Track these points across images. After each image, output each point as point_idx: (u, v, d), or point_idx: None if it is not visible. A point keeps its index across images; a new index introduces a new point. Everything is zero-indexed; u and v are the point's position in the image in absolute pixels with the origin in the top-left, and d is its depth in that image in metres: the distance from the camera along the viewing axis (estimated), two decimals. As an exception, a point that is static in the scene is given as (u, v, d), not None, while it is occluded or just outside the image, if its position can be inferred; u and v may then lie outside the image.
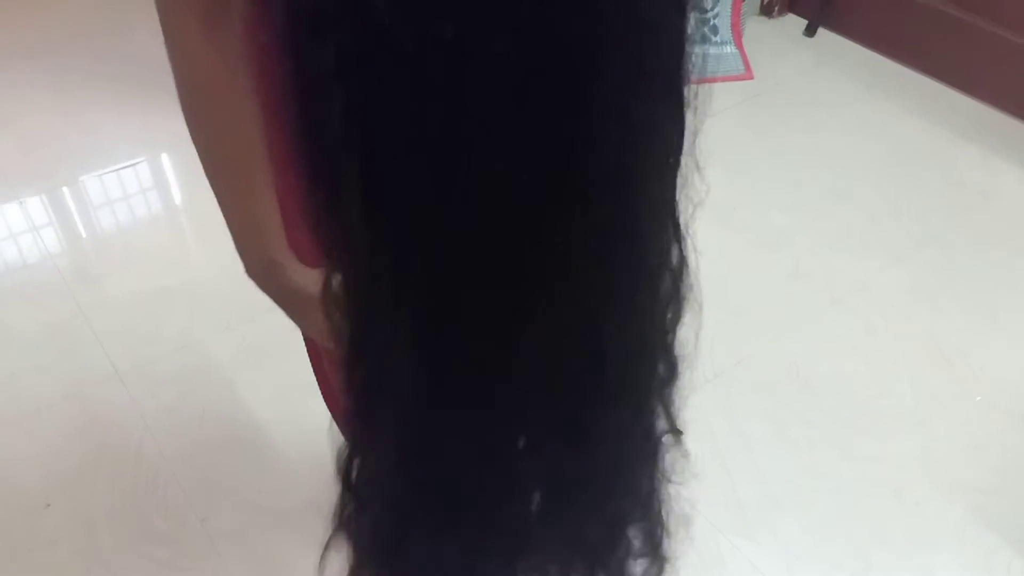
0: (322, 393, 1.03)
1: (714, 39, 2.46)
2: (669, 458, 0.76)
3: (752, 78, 2.42)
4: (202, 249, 1.84)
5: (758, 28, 2.57)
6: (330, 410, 1.03)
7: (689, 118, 0.54)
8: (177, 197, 1.99)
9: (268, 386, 1.48)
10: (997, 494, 1.38)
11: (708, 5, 2.42)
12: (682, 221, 0.58)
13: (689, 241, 0.58)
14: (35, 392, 1.49)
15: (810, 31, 2.56)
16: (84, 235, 1.85)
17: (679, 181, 0.57)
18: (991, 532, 1.33)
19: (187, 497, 1.33)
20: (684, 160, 0.56)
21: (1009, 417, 1.50)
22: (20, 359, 1.54)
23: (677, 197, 0.58)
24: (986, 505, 1.36)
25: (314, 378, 1.02)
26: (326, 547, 0.69)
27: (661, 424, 0.70)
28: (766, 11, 2.63)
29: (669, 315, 0.61)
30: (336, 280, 0.56)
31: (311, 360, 0.99)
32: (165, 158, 2.04)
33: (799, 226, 1.90)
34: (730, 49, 2.46)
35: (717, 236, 1.86)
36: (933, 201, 1.98)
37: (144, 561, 1.25)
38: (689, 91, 0.53)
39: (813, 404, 1.52)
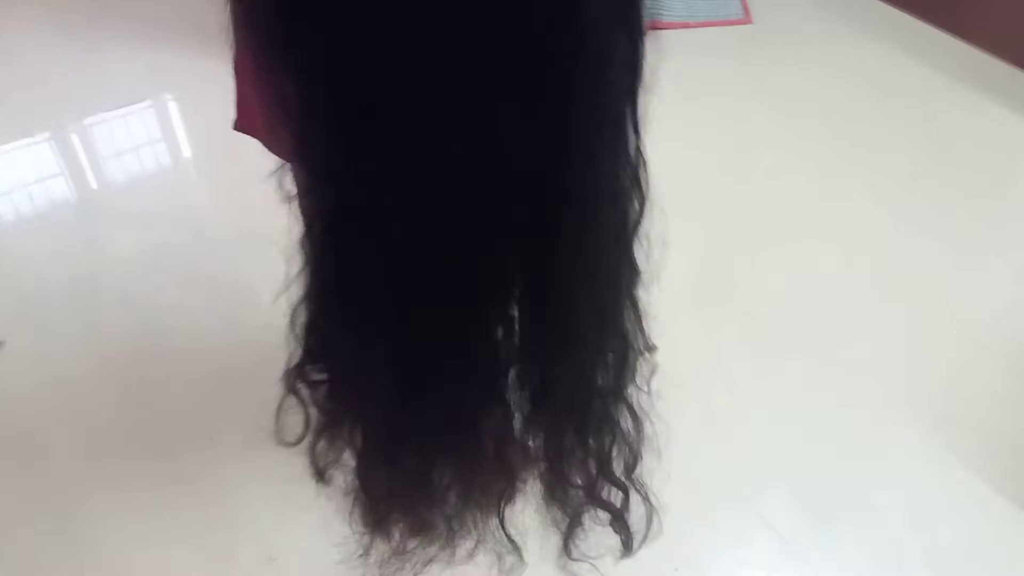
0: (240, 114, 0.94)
1: (714, -17, 2.47)
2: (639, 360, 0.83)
3: (751, 22, 2.43)
4: (205, 186, 1.89)
5: (758, -28, 2.57)
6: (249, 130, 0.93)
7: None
8: (182, 139, 2.03)
9: (271, 312, 1.54)
10: (965, 421, 1.45)
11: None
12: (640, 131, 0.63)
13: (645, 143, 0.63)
14: (51, 319, 1.55)
15: (811, -24, 2.55)
16: (93, 175, 1.90)
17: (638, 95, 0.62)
18: (956, 456, 1.39)
19: (195, 416, 1.40)
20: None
21: (983, 350, 1.56)
22: (36, 292, 1.61)
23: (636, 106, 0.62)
24: (954, 432, 1.43)
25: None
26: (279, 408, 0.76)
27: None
28: (767, -45, 2.62)
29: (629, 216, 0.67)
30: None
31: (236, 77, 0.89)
32: (170, 99, 2.08)
33: (787, 166, 1.94)
34: (730, -7, 2.47)
35: (707, 175, 1.90)
36: (921, 142, 2.01)
37: (152, 473, 1.32)
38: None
39: (792, 333, 1.57)
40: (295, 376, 0.77)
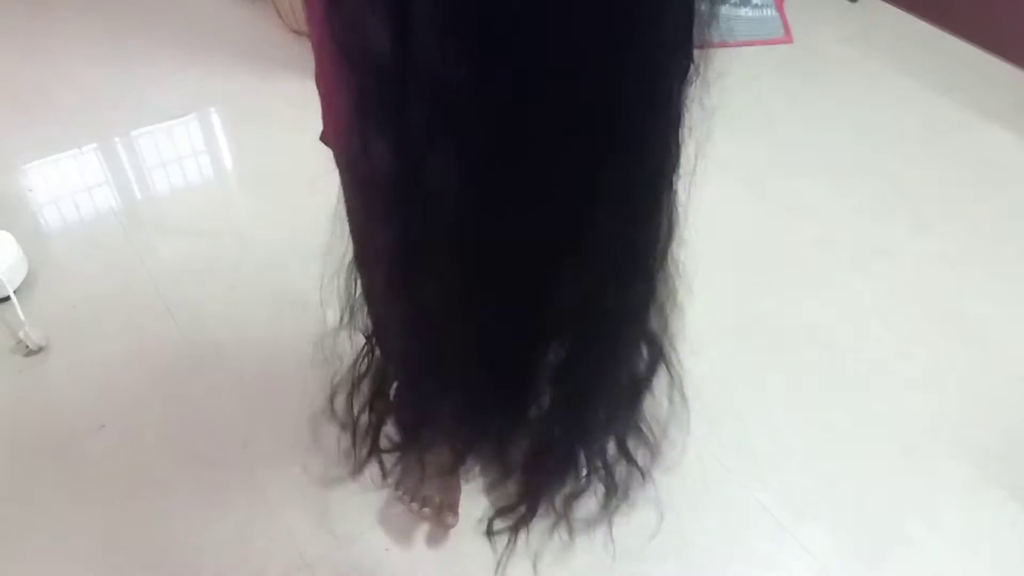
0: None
1: (755, 1, 2.46)
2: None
3: (791, 42, 2.42)
4: (247, 197, 1.92)
5: (800, -8, 2.56)
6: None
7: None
8: (225, 150, 2.07)
9: (312, 323, 1.56)
10: (1005, 454, 1.42)
11: (750, -32, 2.42)
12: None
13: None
14: (95, 327, 1.59)
15: (853, -4, 2.54)
16: (139, 185, 1.95)
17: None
18: (998, 489, 1.36)
19: (230, 423, 1.42)
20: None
21: (1022, 383, 1.53)
22: (81, 300, 1.64)
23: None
24: (994, 464, 1.40)
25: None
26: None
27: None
28: (809, -25, 2.61)
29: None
30: None
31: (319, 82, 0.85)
32: (214, 112, 2.12)
33: (826, 193, 1.92)
34: (770, 12, 2.46)
35: (743, 199, 1.89)
36: (963, 175, 1.98)
37: (191, 481, 1.35)
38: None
39: (830, 362, 1.55)
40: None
